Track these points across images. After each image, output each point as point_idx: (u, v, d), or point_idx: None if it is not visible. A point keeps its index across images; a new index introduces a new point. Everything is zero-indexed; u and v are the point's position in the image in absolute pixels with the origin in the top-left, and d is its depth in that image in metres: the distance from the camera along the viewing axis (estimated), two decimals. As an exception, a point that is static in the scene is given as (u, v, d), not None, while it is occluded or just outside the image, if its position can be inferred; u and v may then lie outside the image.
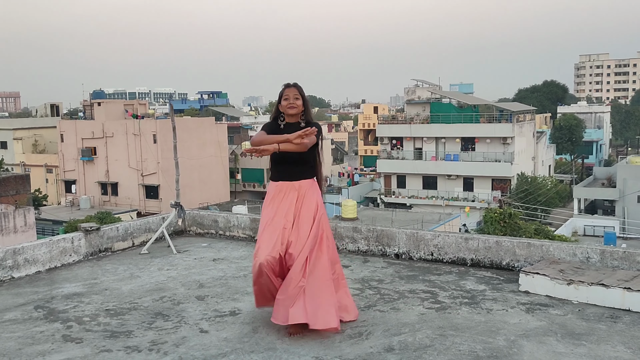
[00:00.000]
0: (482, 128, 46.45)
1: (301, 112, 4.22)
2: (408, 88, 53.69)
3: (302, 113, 4.23)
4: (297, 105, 4.18)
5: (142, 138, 45.49)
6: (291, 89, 4.21)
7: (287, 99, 4.18)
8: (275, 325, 4.10)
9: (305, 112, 4.24)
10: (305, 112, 4.24)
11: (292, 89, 4.21)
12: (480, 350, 3.77)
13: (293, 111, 4.17)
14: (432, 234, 6.11)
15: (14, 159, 52.47)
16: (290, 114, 4.18)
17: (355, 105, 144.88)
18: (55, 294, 5.15)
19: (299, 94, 4.20)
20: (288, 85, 4.23)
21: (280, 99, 4.23)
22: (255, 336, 4.06)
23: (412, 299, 4.85)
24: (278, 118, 4.27)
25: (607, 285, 4.59)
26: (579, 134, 63.31)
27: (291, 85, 4.23)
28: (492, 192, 45.33)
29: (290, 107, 4.16)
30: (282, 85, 4.26)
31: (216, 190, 48.22)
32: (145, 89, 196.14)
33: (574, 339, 3.96)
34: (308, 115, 4.25)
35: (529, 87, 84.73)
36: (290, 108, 4.16)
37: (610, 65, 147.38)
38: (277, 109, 4.26)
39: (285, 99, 4.18)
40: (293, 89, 4.20)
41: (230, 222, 7.29)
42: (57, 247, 6.03)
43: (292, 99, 4.17)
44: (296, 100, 4.17)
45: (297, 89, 4.21)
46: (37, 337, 4.15)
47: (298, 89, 4.22)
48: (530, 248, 5.54)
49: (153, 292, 5.15)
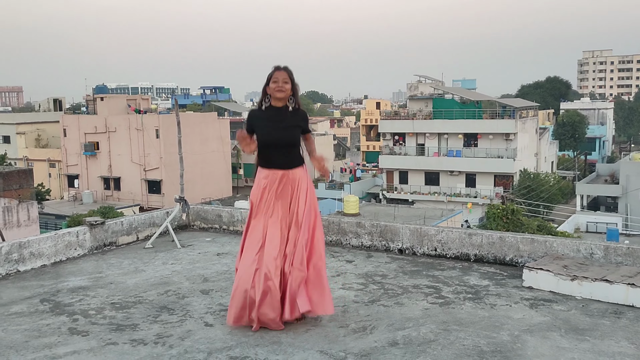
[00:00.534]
0: (485, 124, 46.37)
1: (289, 96, 4.12)
2: (411, 84, 53.62)
3: (290, 97, 4.13)
4: (286, 90, 4.07)
5: (145, 133, 45.54)
6: (281, 72, 4.09)
7: (275, 82, 4.06)
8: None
9: (294, 97, 4.13)
10: (294, 96, 4.13)
11: (281, 72, 4.09)
12: (484, 345, 3.78)
13: (281, 95, 4.06)
14: (435, 229, 6.12)
15: (17, 153, 52.56)
16: (278, 97, 4.08)
17: (358, 100, 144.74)
18: (60, 288, 5.18)
19: (289, 78, 4.08)
20: (278, 68, 4.11)
21: (268, 80, 4.10)
22: (260, 330, 4.08)
23: (415, 294, 4.87)
24: (261, 103, 4.16)
25: (611, 281, 4.61)
26: (582, 131, 63.19)
27: (281, 68, 4.11)
28: (495, 188, 45.29)
29: (279, 90, 4.05)
30: (272, 67, 4.14)
31: (218, 185, 48.26)
32: (147, 84, 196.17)
33: (577, 334, 3.97)
34: (296, 100, 4.15)
35: (532, 83, 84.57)
36: (279, 91, 4.05)
37: (613, 61, 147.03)
38: (264, 90, 4.14)
39: (274, 81, 4.06)
40: (283, 72, 4.08)
41: (234, 216, 7.31)
42: (63, 241, 6.06)
43: (281, 82, 4.05)
44: (285, 84, 4.06)
45: (287, 73, 4.10)
46: (43, 330, 4.17)
47: (288, 72, 4.10)
48: (534, 244, 5.55)
49: (158, 286, 5.17)
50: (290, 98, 4.12)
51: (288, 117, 4.11)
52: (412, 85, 53.11)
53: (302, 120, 4.21)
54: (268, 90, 4.10)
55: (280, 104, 4.12)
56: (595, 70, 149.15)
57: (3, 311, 4.59)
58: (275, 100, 4.11)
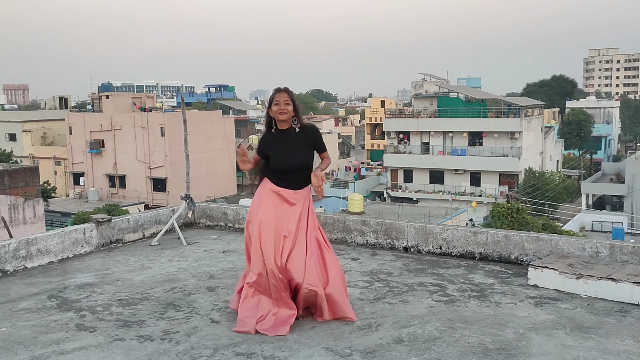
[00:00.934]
0: (490, 123, 46.27)
1: (292, 117, 4.22)
2: (415, 82, 53.55)
3: (293, 117, 4.23)
4: (288, 111, 4.17)
5: (150, 131, 45.65)
6: (282, 94, 4.20)
7: (277, 104, 4.17)
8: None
9: (297, 116, 4.24)
10: (297, 116, 4.23)
11: (282, 93, 4.20)
12: (489, 343, 3.80)
13: (284, 117, 4.17)
14: (440, 227, 6.13)
15: (23, 151, 52.78)
16: (281, 119, 4.18)
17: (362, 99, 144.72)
18: (68, 284, 5.21)
19: (290, 99, 4.19)
20: (278, 90, 4.23)
21: (270, 103, 4.23)
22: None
23: (420, 291, 4.88)
24: (270, 125, 4.28)
25: (616, 279, 4.61)
26: (587, 129, 63.02)
27: (282, 90, 4.22)
28: (500, 187, 45.21)
29: (281, 112, 4.16)
30: (272, 90, 4.27)
31: (223, 183, 48.35)
32: (152, 82, 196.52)
33: (582, 333, 3.98)
34: (299, 119, 4.25)
35: (538, 82, 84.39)
36: (281, 114, 4.16)
37: (619, 60, 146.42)
38: (268, 114, 4.27)
39: (276, 104, 4.17)
40: (283, 94, 4.19)
41: (239, 214, 7.33)
42: (69, 238, 6.09)
43: (282, 105, 4.16)
44: (287, 105, 4.16)
45: (288, 94, 4.20)
46: (51, 326, 4.21)
47: (288, 93, 4.22)
48: (539, 242, 5.55)
49: (164, 283, 5.21)
50: (293, 119, 4.22)
51: (296, 140, 4.21)
52: (417, 84, 53.04)
53: (313, 137, 4.28)
54: (271, 113, 4.22)
55: (286, 126, 4.23)
56: (601, 68, 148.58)
57: (11, 307, 4.63)
58: (280, 122, 4.22)
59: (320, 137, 4.35)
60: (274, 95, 4.21)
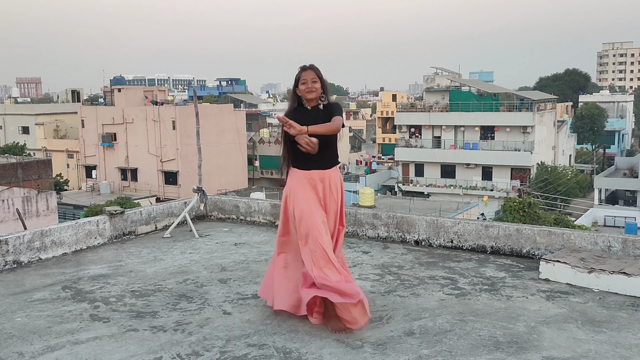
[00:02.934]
0: (502, 117, 46.00)
1: (320, 95, 4.06)
2: (427, 76, 53.34)
3: (322, 95, 4.07)
4: (316, 89, 4.02)
5: (162, 124, 45.85)
6: (308, 72, 4.04)
7: (304, 83, 4.02)
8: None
9: (325, 93, 4.08)
10: (324, 93, 4.08)
11: (309, 72, 4.04)
12: (501, 336, 3.80)
13: (312, 95, 4.02)
14: (452, 221, 6.12)
15: (36, 144, 53.22)
16: (309, 98, 4.03)
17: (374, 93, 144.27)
18: (81, 275, 5.27)
19: (317, 77, 4.03)
20: (304, 68, 4.07)
21: (297, 82, 4.07)
22: (277, 318, 4.13)
23: (432, 285, 4.89)
24: (299, 103, 4.10)
25: (628, 274, 4.59)
26: (600, 124, 62.52)
27: (307, 68, 4.06)
28: (511, 181, 44.99)
29: (309, 91, 4.01)
30: (298, 68, 4.10)
31: (234, 176, 48.49)
32: (164, 76, 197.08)
33: (594, 326, 3.97)
34: (327, 96, 4.10)
35: (551, 76, 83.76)
36: (309, 92, 4.01)
37: (634, 54, 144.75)
38: (295, 93, 4.10)
39: (303, 82, 4.02)
40: (310, 72, 4.04)
41: (251, 207, 7.37)
42: (83, 230, 6.16)
43: (309, 83, 4.01)
44: (314, 83, 4.01)
45: (314, 71, 4.05)
46: (65, 316, 4.26)
47: (315, 70, 4.05)
48: (551, 236, 5.53)
49: (177, 275, 5.25)
50: (321, 96, 4.07)
51: (320, 117, 4.02)
52: (429, 78, 52.83)
53: (333, 110, 4.06)
54: (298, 92, 4.07)
55: (313, 104, 4.07)
56: (615, 62, 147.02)
57: (26, 297, 4.70)
58: (307, 101, 4.06)
59: (340, 110, 4.09)
60: (300, 73, 4.06)
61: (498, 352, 3.56)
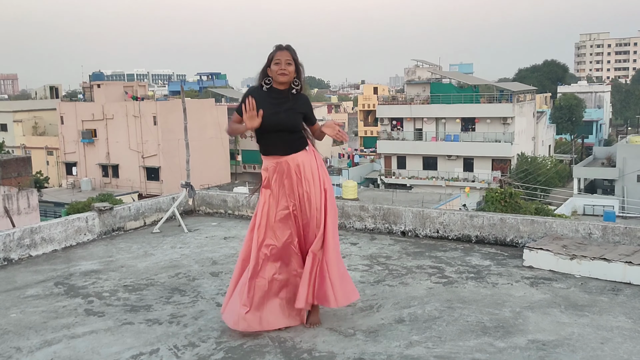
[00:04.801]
0: (483, 108, 46.47)
1: (293, 78, 3.80)
2: (408, 68, 53.58)
3: (295, 79, 3.80)
4: (289, 72, 3.74)
5: (142, 120, 45.51)
6: (283, 52, 3.74)
7: (278, 64, 3.72)
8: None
9: (298, 78, 3.81)
10: (298, 78, 3.81)
11: (284, 52, 3.74)
12: (487, 321, 3.93)
13: (284, 79, 3.74)
14: (437, 212, 6.25)
15: (14, 141, 52.50)
16: (281, 81, 3.75)
17: (355, 86, 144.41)
18: (73, 271, 5.30)
19: (292, 59, 3.74)
20: (280, 48, 3.76)
21: (269, 61, 3.77)
22: (270, 309, 4.21)
23: (419, 274, 5.01)
24: (268, 84, 3.81)
25: (608, 259, 4.75)
26: (579, 114, 63.32)
27: (283, 48, 3.76)
28: (492, 172, 45.49)
29: (282, 73, 3.72)
30: (274, 47, 3.79)
31: (217, 171, 48.31)
32: (143, 71, 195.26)
33: (577, 310, 4.12)
34: (301, 82, 3.82)
35: (529, 67, 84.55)
36: (282, 75, 3.72)
37: (610, 44, 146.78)
38: (265, 71, 3.80)
39: (277, 63, 3.72)
40: (285, 52, 3.74)
41: (239, 201, 7.43)
42: (72, 227, 6.18)
43: (283, 64, 3.72)
44: (288, 65, 3.73)
45: (290, 53, 3.75)
46: (60, 312, 4.31)
47: (291, 52, 3.75)
48: (534, 225, 5.69)
49: (168, 269, 5.31)
50: (294, 80, 3.81)
51: (290, 101, 3.80)
52: (410, 70, 53.08)
53: (305, 106, 3.88)
54: (269, 72, 3.78)
55: (283, 87, 3.80)
56: (593, 53, 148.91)
57: (19, 294, 4.73)
58: (277, 83, 3.79)
59: (312, 108, 3.95)
60: (274, 52, 3.76)
61: (485, 337, 3.69)
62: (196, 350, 3.59)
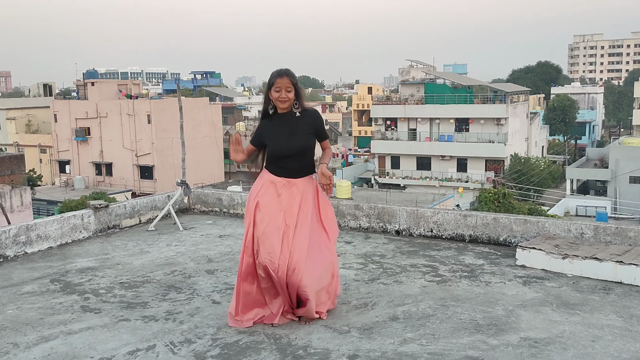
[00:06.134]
0: (476, 109, 46.62)
1: (293, 101, 3.98)
2: (402, 68, 53.71)
3: (295, 102, 3.98)
4: (289, 99, 3.92)
5: (136, 118, 45.41)
6: (283, 79, 3.90)
7: (278, 91, 3.91)
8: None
9: (298, 101, 3.98)
10: (298, 100, 3.98)
11: (284, 79, 3.90)
12: (481, 319, 3.98)
13: (284, 105, 3.93)
14: (431, 211, 6.31)
15: (7, 139, 52.30)
16: (282, 107, 3.95)
17: (349, 85, 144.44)
18: (69, 268, 5.32)
19: (291, 84, 3.91)
20: (280, 75, 3.92)
21: (270, 86, 3.96)
22: (266, 307, 4.25)
23: (413, 272, 5.06)
24: (267, 111, 4.03)
25: (600, 259, 4.81)
26: (572, 115, 63.64)
27: (283, 75, 3.92)
28: (486, 172, 45.65)
29: (282, 100, 3.92)
30: (274, 73, 3.96)
31: (210, 170, 48.30)
32: (137, 69, 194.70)
33: (568, 309, 4.18)
34: (301, 103, 4.00)
35: (523, 68, 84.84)
36: (282, 102, 3.92)
37: (604, 46, 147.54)
38: (267, 97, 3.99)
39: (277, 90, 3.91)
40: (285, 79, 3.90)
41: (234, 200, 7.46)
42: (68, 224, 6.20)
43: (284, 92, 3.90)
44: (288, 93, 3.91)
45: (289, 78, 3.91)
46: (56, 308, 4.33)
47: (290, 77, 3.92)
48: (527, 224, 5.75)
49: (164, 267, 5.34)
50: (295, 103, 3.98)
51: (295, 124, 3.97)
52: (404, 70, 53.21)
53: (314, 122, 4.04)
54: (271, 97, 3.96)
55: (286, 110, 3.99)
56: (586, 54, 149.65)
57: (15, 291, 4.74)
58: (279, 109, 3.99)
59: (322, 123, 4.10)
60: (274, 79, 3.92)
61: (478, 334, 3.74)
62: (192, 346, 3.62)
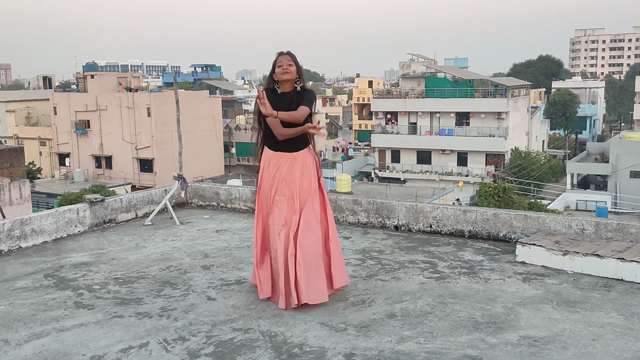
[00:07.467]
0: (477, 103, 46.47)
1: (295, 79, 4.24)
2: (403, 62, 53.50)
3: (296, 79, 4.25)
4: (291, 72, 4.20)
5: (136, 111, 45.30)
6: (284, 56, 4.24)
7: (280, 66, 4.20)
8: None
9: (300, 78, 4.26)
10: (300, 78, 4.26)
11: (285, 56, 4.24)
12: (479, 317, 3.92)
13: (287, 77, 4.19)
14: (431, 206, 6.23)
15: (7, 131, 52.19)
16: (284, 79, 4.20)
17: (350, 79, 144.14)
18: (63, 263, 5.26)
19: (292, 61, 4.22)
20: (281, 53, 4.26)
21: (273, 67, 4.25)
22: (261, 303, 4.20)
23: (412, 268, 4.99)
24: (274, 86, 4.28)
25: (601, 255, 4.75)
26: (573, 109, 63.49)
27: (284, 53, 4.26)
28: (486, 167, 45.56)
29: (284, 72, 4.18)
30: (275, 54, 4.29)
31: (210, 164, 48.23)
32: (137, 62, 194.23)
33: (569, 307, 4.12)
34: (302, 81, 4.28)
35: (524, 62, 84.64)
36: (284, 74, 4.18)
37: (605, 40, 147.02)
38: (271, 77, 4.28)
39: (279, 66, 4.20)
40: (286, 56, 4.23)
41: (231, 194, 7.39)
42: (63, 218, 6.13)
43: (285, 65, 4.19)
44: (289, 66, 4.19)
45: (290, 56, 4.24)
46: (49, 304, 4.27)
47: (291, 56, 4.25)
48: (527, 220, 5.68)
49: (159, 262, 5.27)
50: (297, 80, 4.25)
51: (293, 101, 4.22)
52: (405, 64, 53.00)
53: (307, 97, 4.25)
54: (275, 76, 4.23)
55: (288, 89, 4.25)
56: (587, 48, 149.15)
57: (8, 286, 4.68)
58: (283, 84, 4.23)
59: (312, 98, 4.27)
60: (277, 58, 4.24)
61: (477, 332, 3.68)
62: (186, 344, 3.56)
